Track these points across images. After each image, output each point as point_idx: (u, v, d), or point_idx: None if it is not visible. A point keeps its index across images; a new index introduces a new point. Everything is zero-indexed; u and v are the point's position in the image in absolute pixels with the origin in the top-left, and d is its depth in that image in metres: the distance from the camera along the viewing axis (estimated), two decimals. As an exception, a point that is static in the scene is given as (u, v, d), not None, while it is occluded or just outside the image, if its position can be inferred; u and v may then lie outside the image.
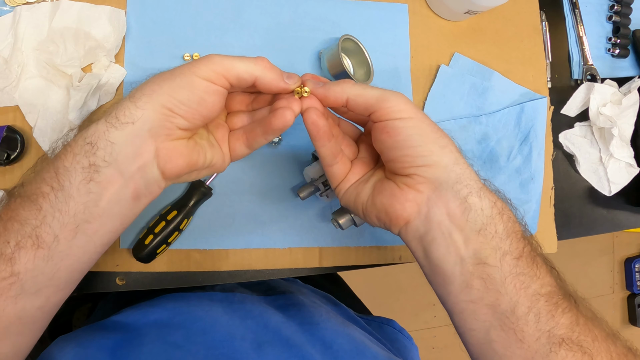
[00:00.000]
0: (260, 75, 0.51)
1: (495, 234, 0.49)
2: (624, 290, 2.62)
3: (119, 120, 0.47)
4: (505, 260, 0.49)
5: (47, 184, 0.46)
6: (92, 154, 0.47)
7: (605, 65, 0.97)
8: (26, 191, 0.47)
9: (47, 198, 0.46)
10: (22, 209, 0.46)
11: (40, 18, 0.72)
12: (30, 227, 0.46)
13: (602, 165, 0.93)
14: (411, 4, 0.86)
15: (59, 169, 0.47)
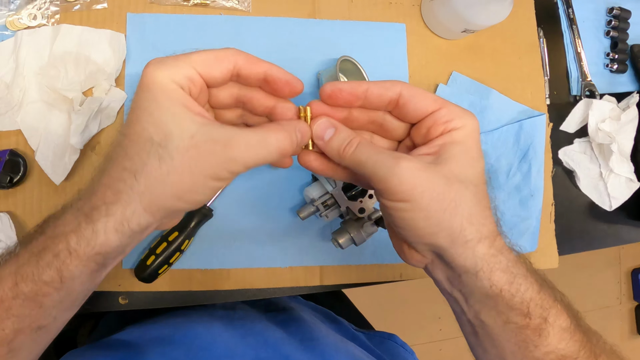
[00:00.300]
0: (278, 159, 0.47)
1: (494, 307, 0.48)
2: (631, 301, 2.60)
3: (133, 231, 0.44)
4: (508, 327, 0.48)
5: (49, 286, 0.44)
6: (102, 260, 0.45)
7: (604, 81, 0.97)
8: (23, 290, 0.44)
9: (48, 297, 0.44)
10: (21, 307, 0.44)
11: (42, 42, 0.73)
12: (30, 320, 0.45)
13: (603, 181, 0.93)
14: (409, 24, 0.87)
15: (63, 273, 0.44)
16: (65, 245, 0.43)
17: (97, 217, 0.43)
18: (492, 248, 0.46)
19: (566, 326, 0.48)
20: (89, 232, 0.43)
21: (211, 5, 0.79)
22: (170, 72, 0.42)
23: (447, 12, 0.80)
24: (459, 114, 0.47)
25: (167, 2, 0.78)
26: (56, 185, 0.72)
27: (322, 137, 0.48)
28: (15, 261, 0.45)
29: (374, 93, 0.47)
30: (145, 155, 0.42)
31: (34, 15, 0.73)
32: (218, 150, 0.42)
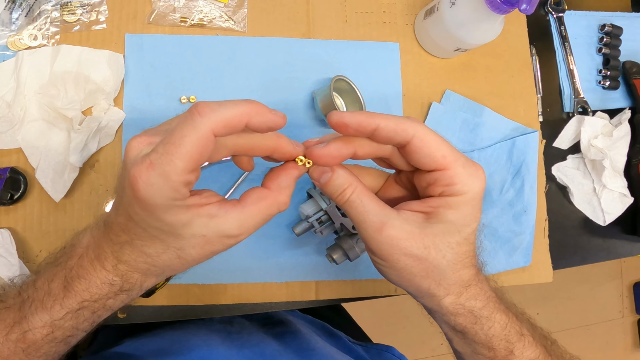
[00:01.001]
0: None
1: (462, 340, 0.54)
2: (633, 315, 2.59)
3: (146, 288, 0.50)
4: (478, 357, 0.54)
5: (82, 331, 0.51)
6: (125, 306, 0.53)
7: (596, 97, 0.98)
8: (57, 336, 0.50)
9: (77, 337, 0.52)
10: (51, 347, 0.50)
11: (42, 62, 0.74)
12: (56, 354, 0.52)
13: (596, 196, 0.93)
14: (402, 43, 0.88)
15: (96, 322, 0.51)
16: (103, 305, 0.49)
17: (129, 288, 0.48)
18: (459, 299, 0.50)
19: (534, 357, 0.53)
20: (123, 297, 0.49)
21: (208, 26, 0.81)
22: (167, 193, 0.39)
23: (440, 32, 0.81)
24: (464, 179, 0.45)
25: (164, 23, 0.79)
26: (56, 202, 0.73)
27: (318, 179, 0.49)
28: (45, 311, 0.48)
29: (383, 135, 0.45)
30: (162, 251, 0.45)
31: (35, 35, 0.75)
32: (227, 240, 0.44)
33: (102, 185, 0.76)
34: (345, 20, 0.87)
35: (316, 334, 0.84)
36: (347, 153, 0.47)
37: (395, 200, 0.53)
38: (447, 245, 0.47)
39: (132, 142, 0.42)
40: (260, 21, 0.84)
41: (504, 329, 0.52)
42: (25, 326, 0.48)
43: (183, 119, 0.38)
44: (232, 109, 0.39)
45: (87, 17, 0.77)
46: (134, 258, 0.46)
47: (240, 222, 0.44)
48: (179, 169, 0.38)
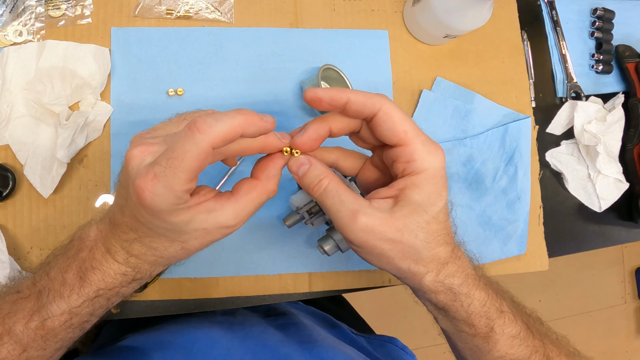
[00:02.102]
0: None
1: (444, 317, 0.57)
2: (636, 300, 2.59)
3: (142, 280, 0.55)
4: (462, 335, 0.56)
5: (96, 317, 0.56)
6: None
7: (590, 82, 0.97)
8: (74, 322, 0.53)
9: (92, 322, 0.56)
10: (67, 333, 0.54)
11: (28, 58, 0.74)
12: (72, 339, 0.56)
13: (591, 182, 0.93)
14: (391, 30, 0.88)
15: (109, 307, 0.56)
16: (116, 292, 0.54)
17: (138, 277, 0.54)
18: (438, 276, 0.52)
19: (515, 334, 0.55)
20: (135, 284, 0.55)
21: (194, 17, 0.80)
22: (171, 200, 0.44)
23: (428, 18, 0.81)
24: (422, 155, 0.49)
25: (150, 16, 0.79)
26: (45, 198, 0.73)
27: (296, 172, 0.52)
28: (63, 300, 0.52)
29: (353, 108, 0.49)
30: (168, 244, 0.50)
31: (20, 31, 0.75)
32: (224, 229, 0.49)
33: (91, 180, 0.75)
34: (333, 9, 0.86)
35: (319, 326, 0.84)
36: (323, 132, 0.51)
37: (372, 182, 0.58)
38: (417, 225, 0.49)
39: (133, 152, 0.45)
40: (247, 12, 0.83)
41: (483, 306, 0.54)
42: (44, 314, 0.51)
43: (184, 135, 0.42)
44: (228, 123, 0.42)
45: (72, 11, 0.76)
46: (143, 252, 0.51)
47: (235, 213, 0.49)
48: (182, 181, 0.42)
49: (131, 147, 0.45)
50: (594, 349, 2.51)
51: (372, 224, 0.48)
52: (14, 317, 0.52)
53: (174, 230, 0.47)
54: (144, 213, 0.45)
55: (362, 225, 0.48)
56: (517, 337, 0.55)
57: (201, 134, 0.41)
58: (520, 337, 0.55)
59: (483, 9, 0.77)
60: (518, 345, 0.55)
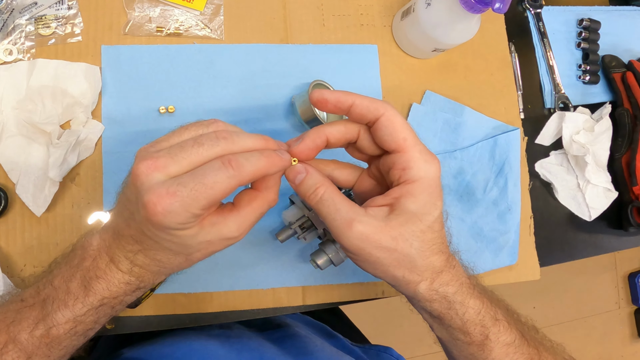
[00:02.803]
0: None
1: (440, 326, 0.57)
2: (630, 306, 2.60)
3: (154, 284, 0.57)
4: (457, 344, 0.57)
5: (99, 324, 0.56)
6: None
7: (577, 92, 0.98)
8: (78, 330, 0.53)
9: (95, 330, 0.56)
10: (71, 340, 0.54)
11: (18, 77, 0.74)
12: (76, 346, 0.56)
13: (580, 192, 0.94)
14: (381, 45, 0.88)
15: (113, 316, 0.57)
16: (120, 301, 0.54)
17: (142, 286, 0.54)
18: (432, 284, 0.53)
19: (510, 342, 0.55)
20: (138, 293, 0.55)
21: (184, 34, 0.81)
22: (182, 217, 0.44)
23: (417, 32, 0.81)
24: (418, 163, 0.50)
25: (140, 33, 0.79)
26: (37, 217, 0.73)
27: (293, 180, 0.53)
28: (68, 309, 0.52)
29: (357, 111, 0.51)
30: (172, 256, 0.51)
31: (10, 50, 0.75)
32: (226, 241, 0.50)
33: (84, 198, 0.75)
34: (322, 24, 0.87)
35: (317, 336, 0.85)
36: (320, 141, 0.52)
37: (368, 192, 0.58)
38: (412, 234, 0.50)
39: (140, 167, 0.44)
40: (237, 28, 0.84)
41: (478, 314, 0.54)
42: (49, 322, 0.51)
43: (218, 166, 0.44)
44: (255, 166, 0.45)
45: (62, 30, 0.77)
46: (147, 263, 0.51)
47: (238, 225, 0.49)
48: (201, 205, 0.43)
49: (137, 162, 0.45)
50: (589, 354, 2.51)
51: (368, 232, 0.49)
52: (18, 326, 0.52)
53: (179, 244, 0.48)
54: (151, 227, 0.46)
55: (358, 234, 0.49)
56: (512, 345, 0.55)
57: (234, 171, 0.43)
58: (515, 344, 0.56)
59: (471, 22, 0.78)
60: (513, 353, 0.55)
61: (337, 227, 0.50)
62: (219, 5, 0.82)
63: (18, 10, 0.75)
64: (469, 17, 0.75)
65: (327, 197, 0.51)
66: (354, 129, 0.54)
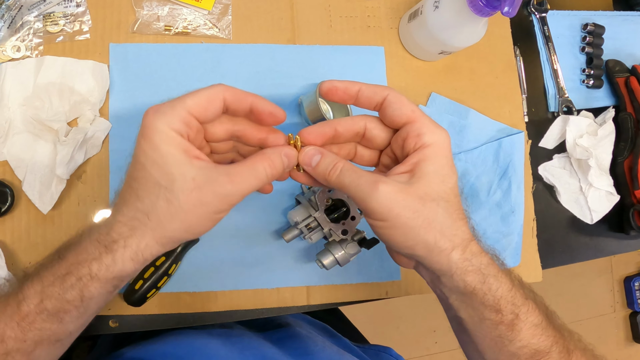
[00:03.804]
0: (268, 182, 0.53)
1: (469, 305, 0.54)
2: (625, 309, 2.61)
3: (146, 259, 0.51)
4: (485, 324, 0.54)
5: (70, 304, 0.50)
6: (118, 282, 0.51)
7: (581, 97, 0.98)
8: (47, 307, 0.49)
9: (68, 314, 0.51)
10: (43, 322, 0.50)
11: (26, 74, 0.74)
12: (50, 333, 0.51)
13: (583, 195, 0.94)
14: (387, 46, 0.89)
15: (84, 294, 0.50)
16: (88, 271, 0.49)
17: (116, 248, 0.49)
18: (464, 253, 0.51)
19: (538, 322, 0.53)
20: (109, 260, 0.49)
21: (192, 33, 0.81)
22: (168, 120, 0.47)
23: (424, 35, 0.82)
24: (431, 128, 0.52)
25: (148, 32, 0.79)
26: (44, 214, 0.73)
27: (309, 164, 0.54)
28: (40, 281, 0.50)
29: (364, 95, 0.54)
30: (155, 198, 0.48)
31: (18, 47, 0.75)
32: (217, 189, 0.48)
33: (90, 196, 0.75)
34: (330, 25, 0.87)
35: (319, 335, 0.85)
36: (329, 130, 0.55)
37: None
38: (437, 194, 0.51)
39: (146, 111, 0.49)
40: (244, 28, 0.84)
41: (510, 290, 0.53)
42: (20, 297, 0.50)
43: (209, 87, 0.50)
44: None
45: (70, 27, 0.77)
46: (126, 214, 0.49)
47: (231, 175, 0.48)
48: (186, 105, 0.47)
49: None
50: (584, 357, 2.52)
51: (394, 190, 0.49)
52: None
53: (164, 171, 0.47)
54: (142, 143, 0.47)
55: (384, 193, 0.49)
56: (539, 326, 0.54)
57: (216, 86, 0.50)
58: (542, 326, 0.54)
59: (478, 25, 0.78)
60: (540, 335, 0.53)
61: (362, 191, 0.50)
62: (227, 5, 0.83)
63: (26, 7, 0.75)
64: (476, 21, 0.75)
65: (347, 167, 0.52)
66: (361, 120, 0.56)
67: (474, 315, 0.54)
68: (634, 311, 2.57)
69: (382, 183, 0.49)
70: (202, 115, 0.50)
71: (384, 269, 0.84)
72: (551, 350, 0.53)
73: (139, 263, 0.50)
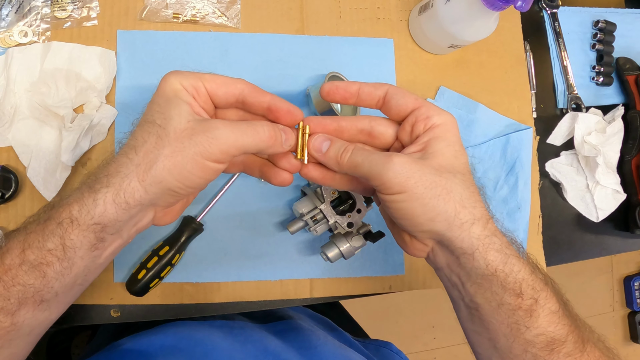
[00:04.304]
0: (264, 148, 0.51)
1: (488, 289, 0.51)
2: (624, 308, 2.61)
3: (129, 204, 0.48)
4: (502, 310, 0.51)
5: (52, 255, 0.47)
6: (100, 231, 0.48)
7: (590, 94, 0.98)
8: (28, 257, 0.47)
9: (51, 267, 0.48)
10: (26, 275, 0.47)
11: (32, 59, 0.73)
12: (34, 290, 0.48)
13: (589, 192, 0.94)
14: (397, 39, 0.88)
15: (65, 242, 0.47)
16: (68, 214, 0.47)
17: (98, 187, 0.48)
18: (485, 229, 0.50)
19: (555, 310, 0.51)
20: (90, 201, 0.47)
21: (201, 22, 0.80)
22: (180, 78, 0.51)
23: (434, 28, 0.81)
24: (437, 111, 0.53)
25: (156, 19, 0.79)
26: (48, 201, 0.72)
27: (320, 149, 0.55)
28: (24, 231, 0.49)
29: (365, 91, 0.55)
30: (147, 134, 0.49)
31: (25, 32, 0.74)
32: (211, 130, 0.48)
33: (95, 183, 0.75)
34: (339, 16, 0.86)
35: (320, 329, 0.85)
36: (331, 123, 0.56)
37: None
38: (452, 167, 0.51)
39: None
40: (253, 17, 0.83)
41: (532, 274, 0.51)
42: (4, 249, 0.48)
43: None
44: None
45: (78, 13, 0.76)
46: (118, 153, 0.50)
47: (228, 123, 0.49)
48: (202, 77, 0.52)
49: None
50: (582, 355, 2.52)
51: (409, 161, 0.49)
52: None
53: (163, 113, 0.49)
54: (154, 94, 0.52)
55: (400, 163, 0.49)
56: (556, 314, 0.52)
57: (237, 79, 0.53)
58: (559, 314, 0.52)
59: (489, 20, 0.77)
60: (557, 323, 0.51)
61: (377, 164, 0.50)
62: (236, -6, 0.82)
63: (34, -9, 0.75)
64: (488, 14, 0.75)
65: (359, 147, 0.53)
66: (365, 118, 0.57)
67: (492, 300, 0.52)
68: (633, 311, 2.57)
69: (395, 156, 0.49)
70: (214, 90, 0.52)
71: (388, 263, 0.83)
72: (567, 340, 0.51)
73: (120, 207, 0.47)
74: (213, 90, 0.52)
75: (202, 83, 0.51)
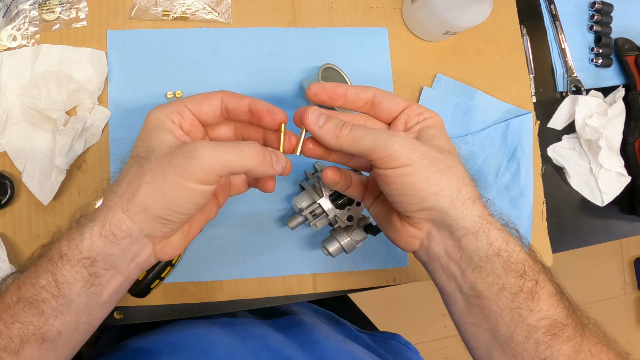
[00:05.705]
0: (252, 169, 0.50)
1: (491, 272, 0.50)
2: (635, 291, 2.60)
3: (116, 236, 0.47)
4: (503, 295, 0.50)
5: (46, 291, 0.47)
6: (91, 266, 0.47)
7: (590, 76, 0.96)
8: (24, 295, 0.47)
9: (48, 303, 0.47)
10: (24, 312, 0.47)
11: (22, 63, 0.73)
12: (34, 327, 0.47)
13: (593, 176, 0.92)
14: (390, 28, 0.87)
15: (57, 278, 0.47)
16: (58, 250, 0.47)
17: (85, 222, 0.48)
18: (485, 209, 0.51)
19: (553, 293, 0.51)
20: (77, 236, 0.47)
21: (191, 18, 0.79)
22: (162, 110, 0.51)
23: (428, 15, 0.80)
24: (427, 110, 0.55)
25: (146, 18, 0.78)
26: (44, 206, 0.72)
27: (316, 122, 0.53)
28: (21, 270, 0.50)
29: (352, 92, 0.54)
30: (130, 167, 0.49)
31: (14, 36, 0.73)
32: (188, 149, 0.46)
33: (91, 186, 0.75)
34: (331, 7, 0.85)
35: (323, 323, 0.84)
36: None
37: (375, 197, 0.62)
38: (448, 149, 0.53)
39: None
40: (244, 11, 0.82)
41: (530, 255, 0.52)
42: (4, 288, 0.49)
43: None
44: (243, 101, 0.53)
45: (66, 14, 0.75)
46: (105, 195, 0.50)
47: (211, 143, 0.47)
48: (183, 101, 0.52)
49: None
50: (594, 340, 2.52)
51: (411, 138, 0.51)
52: None
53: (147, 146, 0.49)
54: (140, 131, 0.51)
55: (402, 139, 0.49)
56: (555, 296, 0.51)
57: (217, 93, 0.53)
58: (557, 297, 0.51)
59: (483, 5, 0.76)
60: (556, 306, 0.50)
61: (381, 137, 0.50)
62: (226, -11, 0.81)
63: (21, -6, 0.74)
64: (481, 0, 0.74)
65: (357, 125, 0.53)
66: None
67: (494, 284, 0.50)
68: (645, 293, 2.57)
69: (398, 132, 0.51)
70: (197, 108, 0.52)
71: (391, 256, 0.83)
72: (568, 323, 0.50)
73: (108, 240, 0.47)
74: (196, 109, 0.52)
75: (185, 106, 0.52)
